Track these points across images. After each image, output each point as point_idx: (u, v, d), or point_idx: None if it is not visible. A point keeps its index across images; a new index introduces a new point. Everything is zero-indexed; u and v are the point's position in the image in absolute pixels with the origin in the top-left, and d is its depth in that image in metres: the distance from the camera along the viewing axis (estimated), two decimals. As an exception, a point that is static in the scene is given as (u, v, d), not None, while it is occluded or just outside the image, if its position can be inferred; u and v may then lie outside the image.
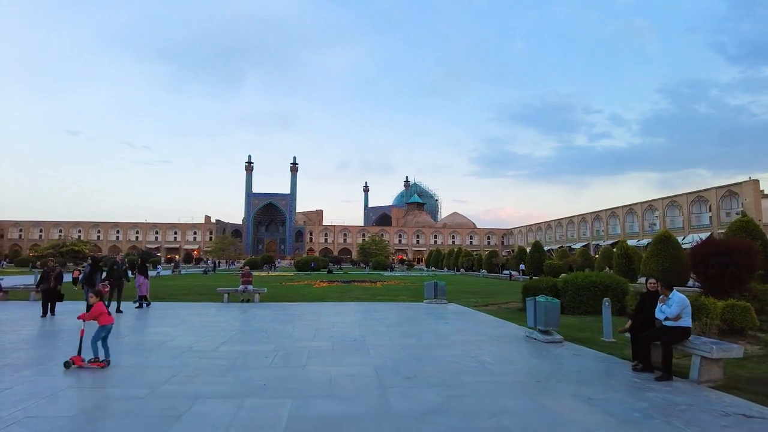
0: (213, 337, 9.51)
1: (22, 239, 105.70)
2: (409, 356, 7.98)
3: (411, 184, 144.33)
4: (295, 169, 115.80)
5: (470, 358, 7.96)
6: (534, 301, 10.55)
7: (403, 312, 15.23)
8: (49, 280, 12.48)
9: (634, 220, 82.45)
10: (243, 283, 18.19)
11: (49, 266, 13.04)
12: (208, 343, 8.91)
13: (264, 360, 7.45)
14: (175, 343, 8.77)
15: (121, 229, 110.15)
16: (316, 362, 7.35)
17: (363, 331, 10.74)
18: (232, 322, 12.11)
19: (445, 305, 17.58)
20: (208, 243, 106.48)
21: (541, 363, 7.75)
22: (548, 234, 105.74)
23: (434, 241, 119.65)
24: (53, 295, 12.50)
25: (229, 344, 8.79)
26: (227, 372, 6.60)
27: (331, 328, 11.14)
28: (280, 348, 8.45)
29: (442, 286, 18.72)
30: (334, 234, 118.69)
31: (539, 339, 9.93)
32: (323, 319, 12.90)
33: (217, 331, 10.37)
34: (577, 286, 15.93)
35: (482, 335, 10.59)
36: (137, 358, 7.43)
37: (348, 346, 8.87)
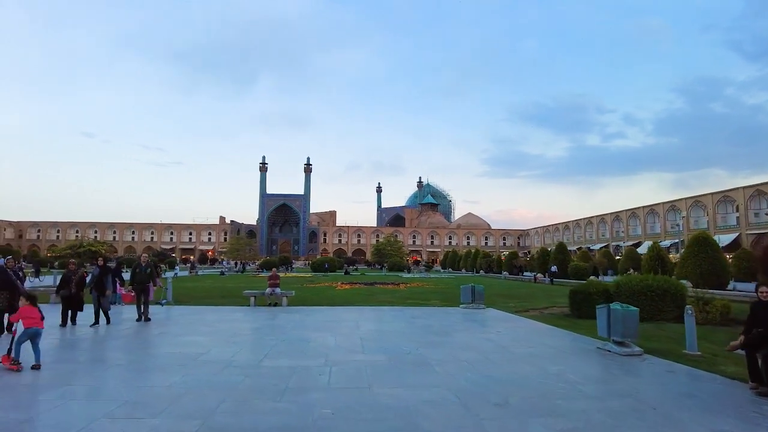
0: (252, 349, 8.55)
1: (40, 240, 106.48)
2: (482, 375, 6.91)
3: (424, 184, 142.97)
4: (308, 169, 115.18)
5: (552, 376, 6.88)
6: (607, 309, 9.44)
7: (445, 318, 14.16)
8: (69, 285, 11.06)
9: (656, 220, 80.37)
10: (270, 286, 17.26)
11: (71, 269, 11.45)
12: (248, 356, 7.94)
13: (319, 379, 6.44)
14: (211, 356, 7.80)
15: (136, 230, 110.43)
16: (380, 382, 6.32)
17: (413, 341, 9.70)
18: (266, 329, 11.15)
19: (484, 311, 16.50)
20: (223, 244, 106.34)
21: (639, 383, 6.64)
22: (566, 235, 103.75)
23: (449, 242, 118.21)
24: (74, 303, 11.09)
25: (273, 357, 7.80)
26: (283, 395, 5.60)
27: (378, 337, 10.13)
28: (331, 363, 7.44)
29: (479, 291, 17.60)
30: (348, 235, 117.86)
31: (615, 351, 8.81)
32: (364, 326, 11.90)
33: (254, 341, 9.42)
34: (631, 290, 14.73)
35: (546, 347, 9.49)
36: (174, 375, 6.45)
37: (406, 360, 7.83)
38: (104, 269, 11.78)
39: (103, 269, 11.73)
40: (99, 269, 11.67)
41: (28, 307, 6.96)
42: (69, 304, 11.04)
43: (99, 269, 11.67)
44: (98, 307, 11.22)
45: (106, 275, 11.69)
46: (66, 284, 11.12)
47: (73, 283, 11.07)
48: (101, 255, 13.97)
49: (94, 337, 9.75)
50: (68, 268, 11.58)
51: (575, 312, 15.47)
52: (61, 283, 11.37)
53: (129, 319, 12.24)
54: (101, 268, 11.74)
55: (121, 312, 13.44)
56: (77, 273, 11.36)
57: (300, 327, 11.51)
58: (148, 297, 12.37)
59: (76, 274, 11.29)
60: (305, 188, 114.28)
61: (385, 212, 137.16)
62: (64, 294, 11.06)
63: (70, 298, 11.01)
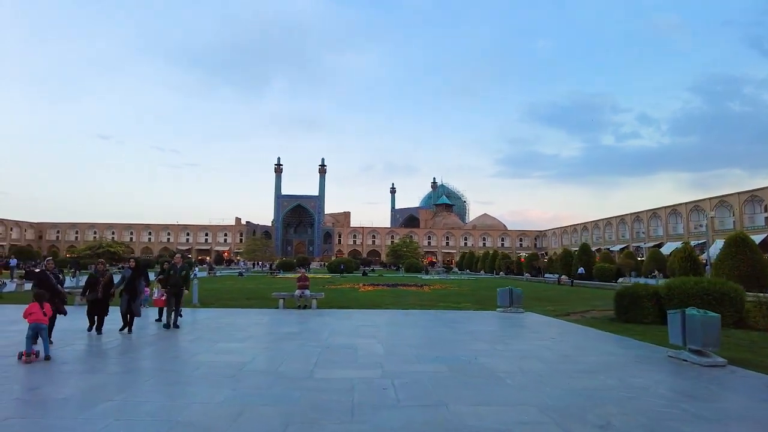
0: (297, 357, 7.88)
1: (59, 240, 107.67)
2: (562, 389, 6.15)
3: (438, 185, 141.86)
4: (323, 170, 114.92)
5: (640, 390, 6.10)
6: (682, 314, 8.59)
7: (487, 323, 13.41)
8: (97, 288, 10.12)
9: (678, 221, 78.45)
10: (299, 288, 16.62)
11: (98, 270, 10.63)
12: (296, 365, 7.27)
13: (385, 394, 5.74)
14: (257, 366, 7.15)
15: (153, 230, 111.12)
16: (455, 398, 5.59)
17: (466, 349, 8.97)
18: (304, 334, 10.49)
19: (525, 315, 15.70)
20: (239, 245, 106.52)
21: (746, 401, 5.83)
22: (584, 236, 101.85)
23: (464, 243, 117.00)
24: (101, 308, 10.18)
25: (324, 368, 7.11)
26: (353, 415, 4.91)
27: (427, 344, 9.42)
28: (389, 374, 6.73)
29: (518, 293, 16.78)
30: (363, 236, 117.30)
31: (694, 361, 7.97)
32: (406, 331, 11.20)
33: (296, 348, 8.75)
34: (685, 293, 13.73)
35: (612, 355, 8.70)
36: (223, 389, 5.80)
37: (470, 371, 7.10)
38: (137, 271, 10.88)
39: (136, 271, 10.84)
40: (131, 271, 10.77)
41: (32, 304, 7.68)
42: (95, 308, 10.19)
43: (131, 271, 10.77)
44: (128, 311, 10.40)
45: (139, 278, 10.83)
46: (93, 287, 10.23)
47: (101, 286, 10.17)
48: (132, 257, 12.89)
49: (125, 344, 9.14)
50: (96, 268, 10.76)
51: (622, 316, 14.58)
52: (87, 286, 10.41)
53: (156, 324, 11.68)
54: (134, 270, 10.82)
55: (147, 315, 12.88)
56: (105, 275, 10.47)
57: (339, 332, 10.83)
58: (180, 302, 11.41)
59: (104, 276, 10.40)
60: (320, 189, 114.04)
61: (399, 213, 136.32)
62: (92, 297, 10.18)
63: (97, 302, 10.16)
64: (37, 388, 5.72)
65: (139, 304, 10.79)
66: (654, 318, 13.89)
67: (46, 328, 7.80)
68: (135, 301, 10.47)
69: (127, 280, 10.55)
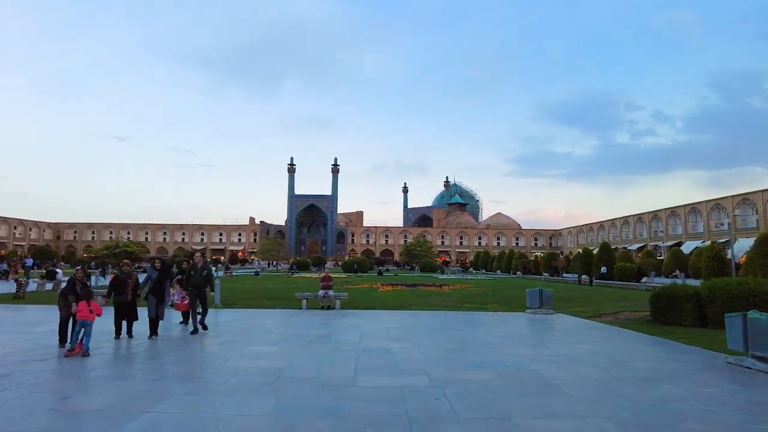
0: (335, 362, 7.47)
1: (77, 240, 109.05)
2: (629, 399, 5.65)
3: (451, 184, 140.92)
4: (336, 170, 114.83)
5: (719, 402, 5.56)
6: (743, 318, 8.02)
7: (520, 325, 12.90)
8: (125, 290, 9.43)
9: (698, 219, 76.83)
10: (323, 288, 16.25)
11: (124, 271, 9.81)
12: (336, 371, 6.86)
13: (439, 405, 5.30)
14: (295, 372, 6.75)
15: (168, 230, 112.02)
16: (516, 410, 5.13)
17: (510, 354, 8.49)
18: (334, 336, 10.10)
19: (557, 316, 15.18)
20: (253, 244, 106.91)
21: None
22: (600, 235, 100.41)
23: (478, 242, 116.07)
24: (130, 312, 9.51)
25: (366, 374, 6.69)
26: (411, 429, 4.47)
27: (466, 348, 8.96)
28: (437, 382, 6.29)
29: (548, 294, 16.22)
30: (376, 235, 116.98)
31: (759, 369, 7.40)
32: (439, 335, 10.76)
33: (331, 352, 8.35)
34: (728, 294, 13.04)
35: (664, 361, 8.17)
36: (266, 398, 5.41)
37: (522, 379, 6.62)
38: (163, 272, 10.31)
39: (162, 272, 10.27)
40: (158, 272, 10.18)
41: (81, 302, 8.11)
42: (124, 312, 9.48)
43: (158, 272, 10.18)
44: (155, 315, 9.88)
45: (166, 279, 10.29)
46: (120, 289, 9.49)
47: (129, 288, 9.51)
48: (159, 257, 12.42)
49: (152, 349, 8.73)
50: (121, 269, 9.98)
51: (659, 318, 13.96)
52: (114, 287, 9.64)
53: (181, 327, 11.33)
54: (160, 271, 10.23)
55: (170, 317, 12.55)
56: (132, 276, 9.76)
57: (371, 335, 10.39)
58: (205, 304, 10.64)
59: (131, 278, 9.69)
60: (333, 188, 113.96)
61: (412, 212, 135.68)
62: (120, 300, 9.44)
63: (126, 306, 9.46)
64: (69, 396, 5.39)
65: (164, 307, 10.33)
66: (694, 320, 13.27)
67: (92, 324, 8.08)
68: (162, 303, 10.02)
69: (154, 281, 10.03)
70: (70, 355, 7.62)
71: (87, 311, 8.01)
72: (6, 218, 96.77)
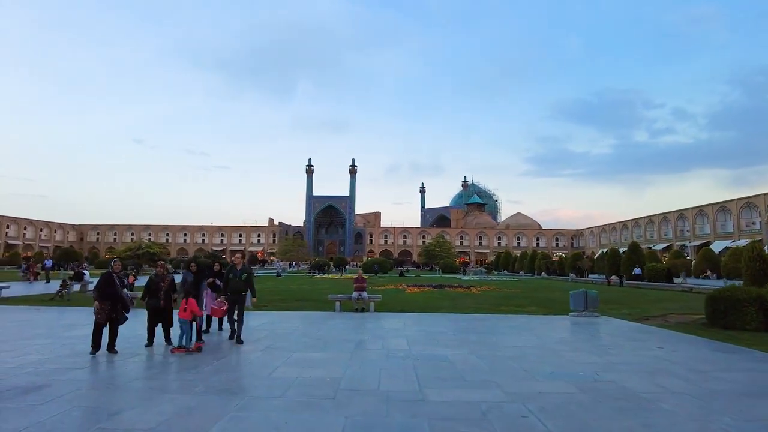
0: (393, 372, 6.86)
1: (99, 242, 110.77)
2: (747, 419, 4.93)
3: (469, 184, 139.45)
4: (353, 170, 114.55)
5: None
6: None
7: (570, 330, 12.15)
8: (158, 293, 8.72)
9: (727, 218, 74.45)
10: (356, 290, 15.69)
11: (159, 274, 9.02)
12: (398, 383, 6.24)
13: (530, 424, 4.64)
14: (353, 384, 6.16)
15: (188, 231, 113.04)
16: (618, 430, 4.47)
17: (575, 362, 7.80)
18: (379, 341, 9.49)
19: (603, 320, 14.41)
20: (272, 245, 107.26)
21: None
22: (623, 234, 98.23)
23: (498, 242, 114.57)
24: (164, 316, 8.80)
25: (433, 386, 6.06)
26: (514, 457, 3.85)
27: (526, 356, 8.24)
28: (515, 396, 5.63)
29: (593, 297, 15.39)
30: (394, 236, 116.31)
31: None
32: (488, 339, 10.07)
33: (384, 359, 7.75)
34: (798, 298, 12.16)
35: (760, 372, 7.35)
36: (334, 418, 4.81)
37: (606, 392, 5.92)
38: (199, 275, 9.62)
39: (198, 275, 9.58)
40: (193, 276, 9.51)
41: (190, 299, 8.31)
42: (158, 317, 8.81)
43: (193, 276, 9.51)
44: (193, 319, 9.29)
45: (202, 281, 9.55)
46: (154, 292, 8.78)
47: (163, 292, 8.76)
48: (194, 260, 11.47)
49: (189, 357, 8.01)
50: (156, 272, 9.18)
51: (717, 321, 13.09)
52: (147, 290, 8.88)
53: (212, 332, 10.86)
54: (195, 274, 9.56)
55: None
56: (166, 279, 8.93)
57: (417, 340, 9.75)
58: (242, 314, 9.58)
59: (165, 281, 8.88)
60: (350, 189, 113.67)
61: (429, 213, 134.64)
62: (154, 305, 8.73)
63: (159, 311, 8.76)
64: (117, 413, 4.87)
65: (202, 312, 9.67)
66: (758, 325, 12.39)
67: (188, 322, 8.27)
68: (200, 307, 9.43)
69: (190, 284, 9.30)
70: (176, 352, 8.05)
71: (180, 310, 8.18)
72: (32, 220, 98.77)
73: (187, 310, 8.24)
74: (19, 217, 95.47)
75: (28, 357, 7.44)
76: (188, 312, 8.24)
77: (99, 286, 8.03)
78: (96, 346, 7.80)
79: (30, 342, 8.81)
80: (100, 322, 7.88)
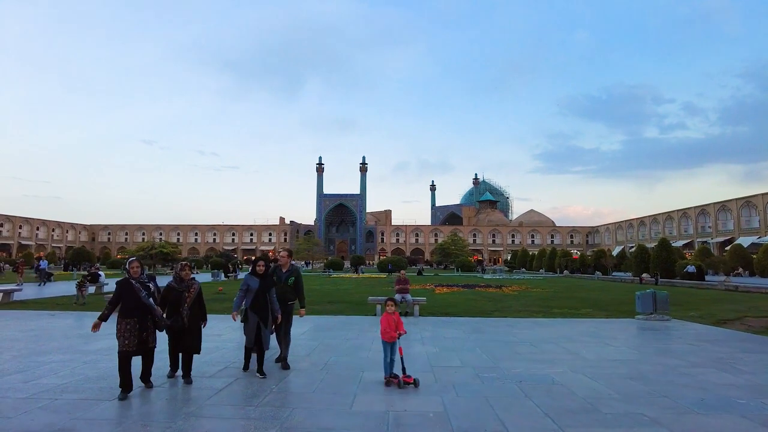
0: (507, 401, 5.35)
1: (111, 242, 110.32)
2: None
3: (481, 181, 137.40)
4: (364, 168, 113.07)
5: None
6: None
7: (653, 338, 10.66)
8: (180, 308, 6.10)
9: (753, 213, 72.15)
10: (398, 292, 14.20)
11: (183, 278, 6.34)
12: (523, 418, 4.75)
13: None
14: (469, 423, 4.68)
15: (199, 231, 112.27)
16: None
17: (708, 381, 6.28)
18: (455, 355, 7.99)
19: (672, 323, 13.02)
20: (283, 244, 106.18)
21: None
22: (641, 231, 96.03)
23: (512, 240, 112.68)
24: (190, 340, 6.16)
25: (571, 423, 4.57)
26: None
27: (644, 376, 6.72)
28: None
29: (663, 298, 13.82)
30: (406, 234, 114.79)
31: None
32: (582, 352, 8.54)
33: (478, 382, 6.26)
34: None
35: None
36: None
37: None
38: (268, 280, 6.69)
39: (267, 280, 6.66)
40: (259, 281, 6.57)
41: (383, 316, 6.33)
42: (181, 341, 6.16)
43: (259, 281, 6.57)
44: (257, 340, 6.49)
45: (270, 288, 6.69)
46: (175, 305, 6.12)
47: (187, 306, 6.15)
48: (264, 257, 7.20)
49: (244, 388, 5.90)
50: (177, 274, 6.42)
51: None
52: (165, 302, 6.15)
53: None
54: (262, 277, 6.61)
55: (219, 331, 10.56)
56: (193, 286, 6.33)
57: (500, 355, 8.23)
58: (289, 328, 7.29)
59: (191, 289, 6.28)
60: (361, 187, 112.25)
61: (440, 210, 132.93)
62: (176, 325, 6.06)
63: (184, 333, 6.11)
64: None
65: (271, 330, 6.87)
66: None
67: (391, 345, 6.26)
68: (268, 325, 6.60)
69: (255, 294, 6.52)
70: (391, 383, 6.01)
71: (393, 330, 6.17)
72: (45, 221, 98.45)
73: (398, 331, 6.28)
74: (32, 218, 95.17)
75: (42, 382, 6.01)
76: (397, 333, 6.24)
77: (117, 299, 5.64)
78: (126, 386, 5.48)
79: (45, 359, 7.38)
80: (126, 351, 5.46)
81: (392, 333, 6.13)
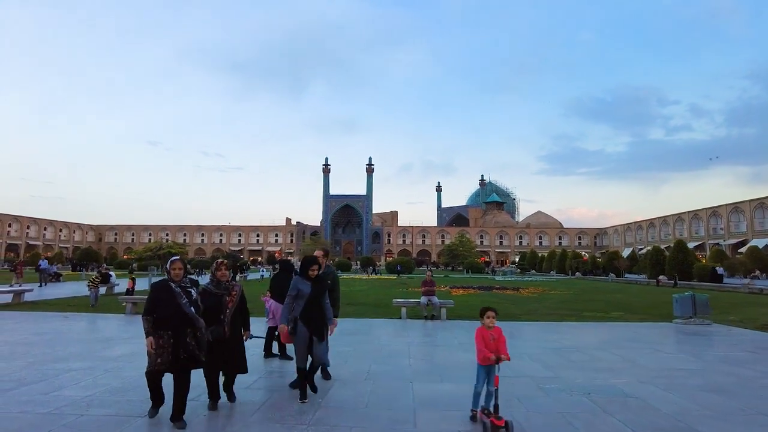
0: (587, 420, 4.74)
1: (117, 243, 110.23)
2: None
3: (487, 182, 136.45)
4: (370, 169, 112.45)
5: None
6: None
7: (702, 343, 9.99)
8: (221, 316, 5.01)
9: (765, 215, 71.09)
10: (425, 294, 13.61)
11: (219, 277, 5.19)
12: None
13: None
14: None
15: (205, 232, 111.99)
16: None
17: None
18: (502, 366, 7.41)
19: (714, 328, 12.43)
20: (290, 244, 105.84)
21: None
22: (650, 233, 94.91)
23: (519, 242, 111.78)
24: (233, 357, 5.16)
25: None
26: None
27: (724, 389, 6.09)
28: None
29: (703, 301, 13.16)
30: (413, 235, 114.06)
31: None
32: (630, 357, 7.93)
33: (542, 395, 5.67)
34: None
35: None
36: None
37: None
38: (322, 285, 5.48)
39: (320, 285, 5.45)
40: (311, 286, 5.36)
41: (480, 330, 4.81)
42: (222, 357, 5.03)
43: (311, 286, 5.36)
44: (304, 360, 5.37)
45: (324, 294, 5.51)
46: (213, 314, 4.96)
47: (229, 313, 5.10)
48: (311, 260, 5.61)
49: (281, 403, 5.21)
50: (214, 276, 5.21)
51: None
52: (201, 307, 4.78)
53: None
54: (314, 281, 5.41)
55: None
56: (234, 289, 5.24)
57: (549, 363, 7.61)
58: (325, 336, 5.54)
59: (232, 292, 5.19)
60: (367, 188, 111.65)
61: (446, 212, 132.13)
62: (216, 335, 4.92)
63: (225, 345, 5.03)
64: None
65: (327, 343, 5.71)
66: None
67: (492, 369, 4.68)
68: (321, 337, 5.39)
69: (309, 300, 5.32)
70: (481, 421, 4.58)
71: (491, 350, 4.65)
72: (52, 221, 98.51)
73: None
74: (40, 218, 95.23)
75: (64, 394, 5.44)
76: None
77: (153, 306, 4.52)
78: (157, 402, 4.64)
79: (64, 367, 6.81)
80: (157, 371, 4.47)
81: (489, 354, 4.59)
